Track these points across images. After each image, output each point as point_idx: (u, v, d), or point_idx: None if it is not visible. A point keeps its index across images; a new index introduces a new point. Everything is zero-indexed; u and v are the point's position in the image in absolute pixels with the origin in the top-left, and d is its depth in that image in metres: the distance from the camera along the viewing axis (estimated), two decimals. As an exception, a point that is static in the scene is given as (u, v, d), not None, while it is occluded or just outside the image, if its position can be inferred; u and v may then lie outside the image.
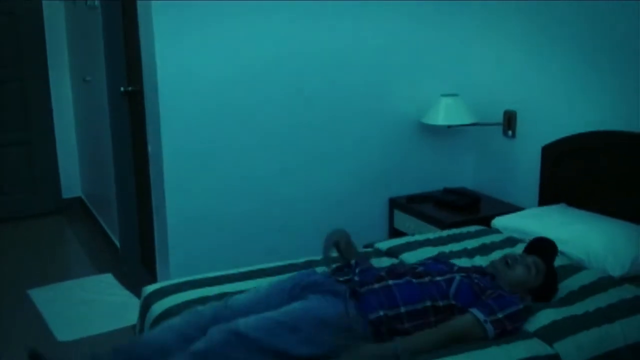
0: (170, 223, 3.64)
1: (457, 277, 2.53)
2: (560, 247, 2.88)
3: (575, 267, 2.96)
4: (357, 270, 2.59)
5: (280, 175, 3.86)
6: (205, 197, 3.69)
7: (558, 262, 2.87)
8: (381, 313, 2.37)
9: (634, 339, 2.47)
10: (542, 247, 2.78)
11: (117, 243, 4.92)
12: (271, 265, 3.07)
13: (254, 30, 3.61)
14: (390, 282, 2.47)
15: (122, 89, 4.40)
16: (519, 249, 3.08)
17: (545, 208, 3.57)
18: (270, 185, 3.84)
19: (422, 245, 3.25)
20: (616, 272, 2.90)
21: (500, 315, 2.40)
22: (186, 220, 3.67)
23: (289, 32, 3.70)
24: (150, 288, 2.87)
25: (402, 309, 2.40)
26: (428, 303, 2.43)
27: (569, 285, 2.79)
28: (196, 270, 3.19)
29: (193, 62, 3.51)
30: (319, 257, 3.11)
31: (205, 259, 3.69)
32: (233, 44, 3.58)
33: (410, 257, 3.10)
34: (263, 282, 2.76)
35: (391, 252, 3.21)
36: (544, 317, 2.51)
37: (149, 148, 3.80)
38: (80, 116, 5.88)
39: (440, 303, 2.44)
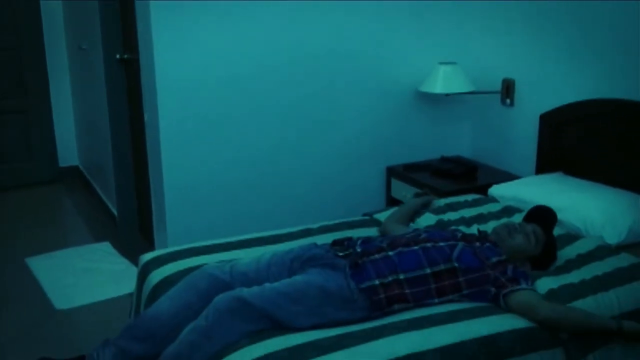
0: (167, 192, 3.62)
1: (460, 244, 2.53)
2: (558, 215, 2.86)
3: (573, 236, 2.95)
4: (359, 242, 2.59)
5: (277, 144, 3.83)
6: (203, 166, 3.67)
7: (556, 230, 2.87)
8: (376, 282, 2.37)
9: (629, 307, 2.47)
10: (542, 216, 2.78)
11: (115, 212, 4.91)
12: (268, 233, 3.06)
13: (252, -3, 3.58)
14: (391, 252, 2.47)
15: (117, 56, 4.36)
16: (516, 218, 3.07)
17: (542, 176, 3.56)
18: (267, 154, 3.82)
19: (419, 214, 3.24)
20: (613, 240, 2.90)
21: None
22: (184, 189, 3.65)
23: (288, 2, 3.65)
24: (147, 256, 2.86)
25: (402, 276, 2.41)
26: (427, 270, 2.44)
27: (566, 253, 2.79)
28: (194, 239, 3.19)
29: (190, 30, 3.46)
30: (316, 225, 3.12)
31: (203, 227, 3.68)
32: (232, 11, 3.53)
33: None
34: (260, 251, 2.76)
35: (389, 221, 3.20)
36: (542, 285, 2.51)
37: (145, 117, 3.77)
38: (76, 84, 5.84)
39: (442, 266, 2.45)
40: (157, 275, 2.70)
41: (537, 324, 2.31)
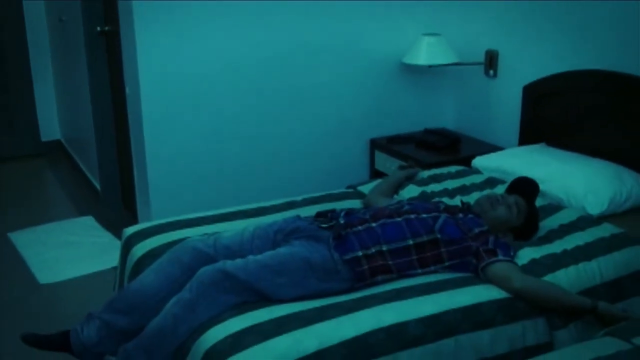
0: (150, 165, 3.61)
1: (443, 216, 2.54)
2: (540, 186, 2.88)
3: (555, 206, 2.97)
4: (342, 214, 2.59)
5: (260, 117, 3.82)
6: (185, 139, 3.65)
7: (538, 201, 2.88)
8: (359, 253, 2.39)
9: (610, 276, 2.50)
10: (524, 187, 2.79)
11: (98, 185, 4.89)
12: (252, 206, 3.06)
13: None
14: (374, 224, 2.48)
15: (98, 28, 4.31)
16: (499, 189, 3.09)
17: (525, 148, 3.57)
18: (250, 127, 3.81)
19: (403, 186, 3.25)
20: (595, 210, 2.92)
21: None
22: (166, 162, 3.64)
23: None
24: (131, 230, 2.86)
25: (385, 247, 2.42)
26: (410, 242, 2.45)
27: (548, 224, 2.81)
28: (177, 212, 3.19)
29: (171, 2, 3.42)
30: (300, 198, 3.12)
31: (186, 200, 3.68)
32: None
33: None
34: (244, 223, 2.75)
35: (372, 194, 3.21)
36: (524, 255, 2.54)
37: (127, 89, 3.75)
38: (57, 57, 5.78)
39: (425, 238, 2.46)
40: (141, 249, 2.70)
41: (512, 295, 2.33)
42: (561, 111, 3.55)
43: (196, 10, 3.50)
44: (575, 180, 3.04)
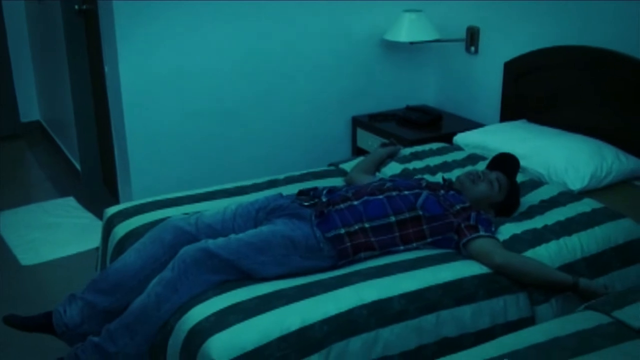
0: (130, 144, 3.59)
1: (425, 193, 2.55)
2: (521, 162, 2.89)
3: (536, 182, 2.98)
4: (324, 192, 2.59)
5: (242, 95, 3.80)
6: (166, 118, 3.63)
7: (519, 177, 2.90)
8: (342, 231, 2.39)
9: (591, 251, 2.52)
10: (505, 163, 2.80)
11: (78, 166, 4.85)
12: (234, 185, 3.06)
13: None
14: (356, 202, 2.48)
15: (76, 7, 4.26)
16: (481, 165, 3.10)
17: (506, 124, 3.58)
18: (232, 105, 3.79)
19: (385, 163, 3.25)
20: (576, 186, 2.93)
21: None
22: (147, 141, 3.62)
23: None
24: (112, 210, 2.85)
25: (367, 225, 2.43)
26: (392, 218, 2.46)
27: (529, 200, 2.83)
28: (159, 191, 3.16)
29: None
30: (282, 176, 3.12)
31: (168, 179, 3.66)
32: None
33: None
34: (226, 202, 2.75)
35: (355, 171, 3.21)
36: (505, 231, 2.55)
37: (106, 68, 3.71)
38: (35, 37, 5.70)
39: (407, 215, 2.47)
40: (122, 229, 2.69)
41: (493, 270, 2.35)
42: (542, 87, 3.56)
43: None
44: (556, 156, 3.05)
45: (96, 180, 4.71)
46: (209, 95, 3.71)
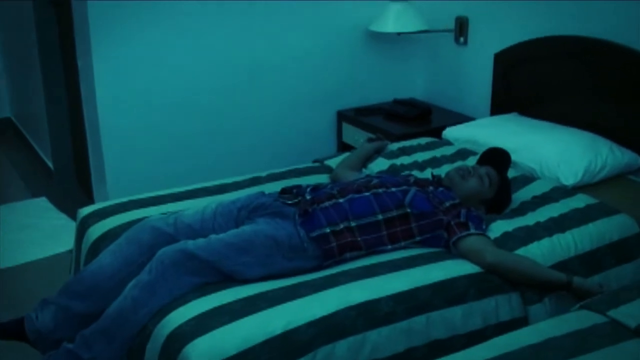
0: (105, 141, 3.57)
1: (413, 189, 2.55)
2: (512, 157, 2.90)
3: (528, 177, 3.00)
4: (308, 190, 2.59)
5: (222, 89, 3.79)
6: (143, 113, 3.61)
7: (511, 172, 2.91)
8: (327, 230, 2.39)
9: (585, 248, 2.54)
10: (496, 158, 2.81)
11: (51, 164, 4.83)
12: (214, 183, 3.05)
13: None
14: (341, 199, 2.48)
15: (47, -3, 4.25)
16: (471, 161, 3.10)
17: (497, 117, 3.59)
18: (212, 100, 3.78)
19: (372, 159, 3.25)
20: (569, 181, 2.94)
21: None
22: (122, 138, 3.60)
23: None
24: (86, 210, 2.83)
25: (353, 223, 2.43)
26: (379, 217, 2.46)
27: (521, 196, 2.84)
28: (135, 190, 3.14)
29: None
30: (264, 174, 3.11)
31: (145, 178, 3.65)
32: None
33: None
34: (206, 201, 2.74)
35: (340, 168, 3.21)
36: (496, 228, 2.56)
37: (79, 62, 3.69)
38: (4, 29, 5.66)
39: (395, 212, 2.47)
40: (97, 230, 2.67)
41: (484, 269, 2.36)
42: (533, 79, 3.57)
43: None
44: (548, 150, 3.06)
45: (70, 179, 4.69)
46: (187, 89, 3.70)
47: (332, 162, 3.25)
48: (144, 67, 3.56)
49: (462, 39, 4.02)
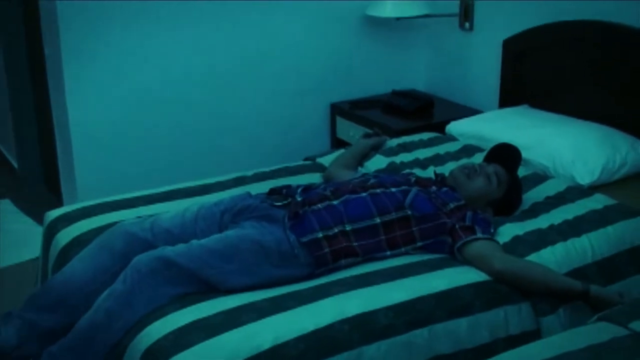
0: (74, 137, 3.57)
1: (414, 189, 2.55)
2: (523, 153, 2.90)
3: (540, 176, 3.00)
4: (299, 190, 2.59)
5: (204, 79, 3.79)
6: (117, 105, 3.61)
7: (521, 171, 2.92)
8: (319, 235, 2.39)
9: (603, 254, 2.54)
10: (505, 155, 2.82)
11: (15, 164, 4.82)
12: (195, 183, 3.05)
13: None
14: (335, 201, 2.49)
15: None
16: (477, 158, 3.11)
17: (506, 110, 3.60)
18: (193, 91, 3.78)
19: (368, 157, 3.25)
20: (585, 180, 2.95)
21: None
22: (94, 133, 3.60)
23: None
24: (54, 213, 2.83)
25: (348, 227, 2.44)
26: (377, 220, 2.46)
27: (533, 196, 2.84)
28: (108, 192, 3.15)
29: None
30: (250, 173, 3.11)
31: (119, 177, 3.65)
32: None
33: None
34: (186, 203, 2.74)
35: (334, 167, 3.21)
36: (506, 232, 2.56)
37: (46, 51, 3.69)
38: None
39: (394, 215, 2.47)
40: (66, 235, 2.67)
41: (492, 278, 2.36)
42: (546, 68, 3.58)
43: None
44: (562, 146, 3.07)
45: (36, 179, 4.69)
46: (168, 78, 3.70)
47: (325, 160, 3.25)
48: (117, 56, 3.55)
49: (467, 24, 4.03)
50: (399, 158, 3.21)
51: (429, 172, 3.01)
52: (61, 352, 2.24)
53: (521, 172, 2.91)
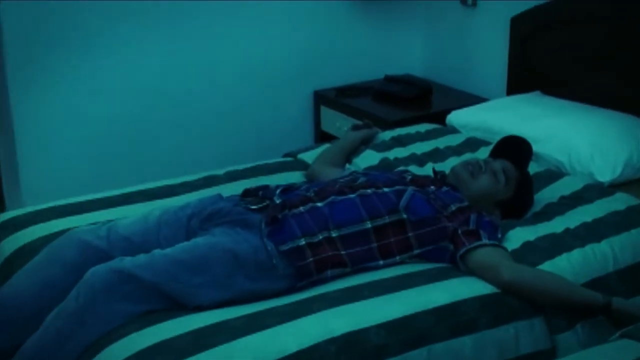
0: (18, 134, 3.57)
1: (410, 189, 2.56)
2: (535, 147, 2.91)
3: (554, 173, 3.02)
4: (278, 192, 2.59)
5: (167, 65, 3.79)
6: (67, 95, 3.62)
7: (532, 167, 2.92)
8: (302, 242, 2.39)
9: (626, 261, 2.55)
10: (513, 149, 2.82)
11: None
12: (159, 184, 3.05)
13: None
14: (320, 203, 2.49)
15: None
16: (482, 153, 3.12)
17: (515, 98, 3.61)
18: (154, 79, 3.78)
19: (358, 152, 3.26)
20: (605, 177, 2.97)
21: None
22: (41, 129, 3.60)
23: None
24: (-5, 220, 2.83)
25: (334, 233, 2.43)
26: (368, 224, 2.46)
27: (546, 196, 2.85)
28: (58, 195, 3.14)
29: None
30: (222, 171, 3.11)
31: (70, 179, 3.65)
32: None
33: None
34: (148, 207, 2.74)
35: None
36: (515, 237, 2.57)
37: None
38: None
39: (387, 219, 2.48)
40: (10, 245, 2.67)
41: (500, 290, 2.36)
42: (560, 49, 3.59)
43: None
44: (579, 139, 3.08)
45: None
46: (128, 63, 3.70)
47: (308, 157, 3.26)
48: (70, 36, 3.56)
49: (470, 0, 4.04)
50: (393, 153, 3.22)
51: (427, 170, 3.01)
52: (5, 376, 2.25)
53: (532, 168, 2.92)
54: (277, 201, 2.53)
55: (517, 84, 3.77)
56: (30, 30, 3.49)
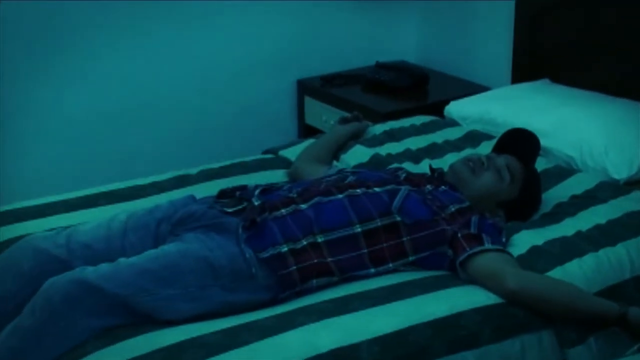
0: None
1: (404, 189, 2.56)
2: (543, 141, 2.92)
3: (564, 170, 3.02)
4: (257, 192, 2.58)
5: (138, 51, 3.81)
6: (27, 81, 3.61)
7: (540, 163, 2.93)
8: (283, 249, 2.38)
9: (644, 266, 2.56)
10: (519, 143, 2.83)
11: None
12: (124, 184, 3.05)
13: None
14: (304, 205, 2.48)
15: None
16: (484, 148, 3.12)
17: (520, 86, 3.62)
18: (123, 67, 3.79)
19: (346, 147, 3.26)
20: (621, 173, 2.98)
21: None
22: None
23: None
24: (-60, 226, 2.81)
25: (320, 238, 2.43)
26: (357, 228, 2.46)
27: (555, 195, 2.86)
28: (12, 197, 3.14)
29: None
30: (195, 170, 3.11)
31: (25, 178, 3.65)
32: None
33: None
34: (112, 211, 2.74)
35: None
36: (521, 241, 2.57)
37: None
38: None
39: (379, 223, 2.48)
40: (-42, 253, 2.65)
41: (505, 299, 2.36)
42: (570, 32, 3.59)
43: None
44: (592, 131, 3.09)
45: None
46: (90, 50, 3.71)
47: (291, 153, 3.26)
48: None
49: (470, -22, 4.05)
50: (385, 149, 3.22)
51: (424, 167, 3.02)
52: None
53: (540, 164, 2.92)
54: (256, 203, 2.52)
55: (523, 71, 3.78)
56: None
